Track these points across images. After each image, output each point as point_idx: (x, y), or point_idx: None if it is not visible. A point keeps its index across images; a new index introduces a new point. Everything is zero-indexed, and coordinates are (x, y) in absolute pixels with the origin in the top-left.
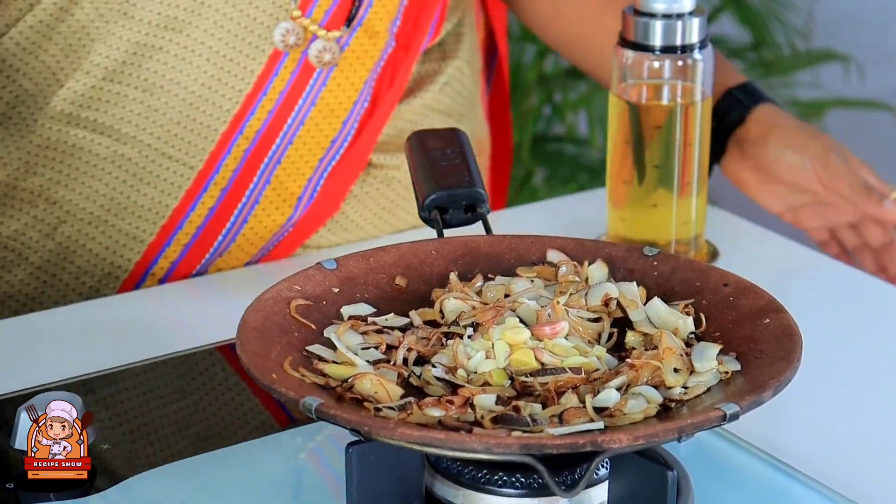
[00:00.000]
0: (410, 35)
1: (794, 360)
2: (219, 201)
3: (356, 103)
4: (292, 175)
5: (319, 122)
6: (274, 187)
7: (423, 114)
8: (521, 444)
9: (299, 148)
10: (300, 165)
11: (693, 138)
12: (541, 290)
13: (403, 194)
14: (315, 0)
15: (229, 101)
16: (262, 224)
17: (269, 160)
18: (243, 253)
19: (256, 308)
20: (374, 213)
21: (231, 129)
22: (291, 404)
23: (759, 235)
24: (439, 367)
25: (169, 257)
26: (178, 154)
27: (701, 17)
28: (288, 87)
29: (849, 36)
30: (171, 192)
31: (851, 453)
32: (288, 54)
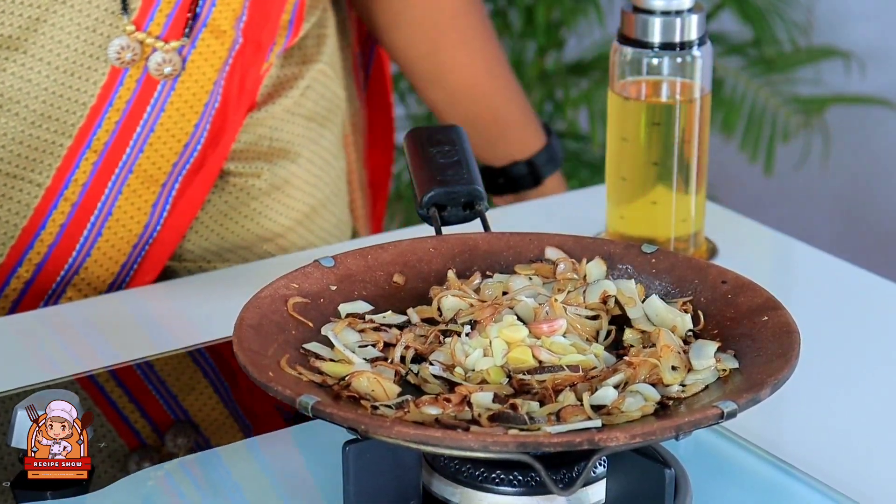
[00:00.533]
0: (258, 29)
1: (792, 358)
2: (70, 217)
3: (206, 105)
4: (145, 183)
5: (170, 128)
6: (126, 197)
7: (285, 119)
8: (518, 443)
9: (151, 156)
10: (153, 173)
11: (692, 135)
12: (539, 287)
13: (266, 202)
14: (151, 14)
15: (73, 115)
16: (117, 236)
17: (119, 170)
18: (103, 270)
19: (253, 305)
20: (236, 221)
21: (77, 144)
22: (288, 402)
23: (758, 232)
24: (437, 364)
25: (21, 277)
26: (23, 173)
27: (699, 13)
28: (134, 96)
29: (850, 32)
30: (19, 212)
31: (851, 451)
32: (128, 70)
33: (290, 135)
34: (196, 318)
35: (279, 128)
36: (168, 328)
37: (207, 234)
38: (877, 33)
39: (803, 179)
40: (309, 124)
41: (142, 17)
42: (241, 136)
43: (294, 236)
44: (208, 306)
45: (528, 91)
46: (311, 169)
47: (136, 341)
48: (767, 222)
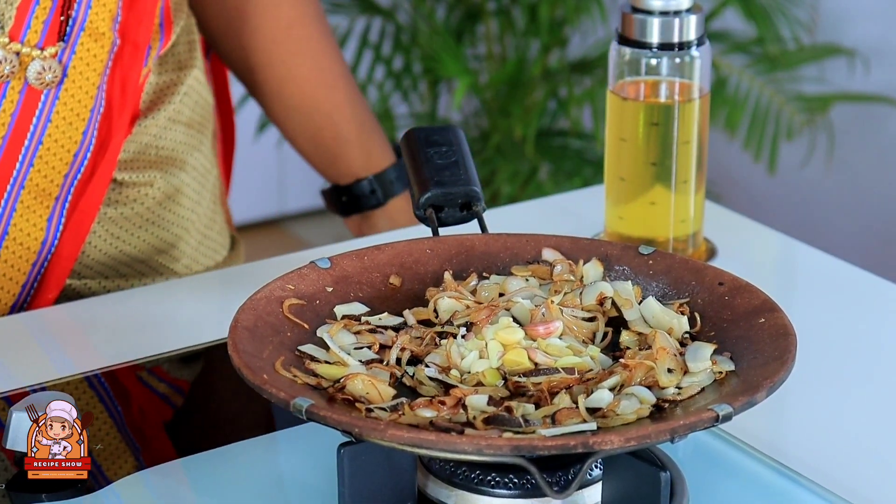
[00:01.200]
0: (134, 28)
1: (789, 361)
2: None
3: (92, 111)
4: (38, 197)
5: (58, 139)
6: (21, 214)
7: (167, 127)
8: (512, 446)
9: (41, 169)
10: (45, 186)
11: (690, 135)
12: (535, 289)
13: (159, 212)
14: (26, 24)
15: None
16: (16, 255)
17: (11, 187)
18: (3, 292)
19: (249, 307)
20: (133, 232)
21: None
22: (282, 405)
23: (758, 232)
24: (432, 366)
25: None
26: None
27: (698, 14)
28: (18, 109)
29: (854, 30)
30: None
31: (850, 454)
32: (9, 82)
33: (174, 142)
34: (190, 320)
35: (163, 136)
36: (163, 330)
37: (105, 247)
38: (881, 31)
39: (807, 178)
40: (189, 131)
41: (17, 28)
42: (129, 146)
43: (185, 246)
44: (204, 308)
45: (532, 89)
46: (196, 176)
47: (132, 343)
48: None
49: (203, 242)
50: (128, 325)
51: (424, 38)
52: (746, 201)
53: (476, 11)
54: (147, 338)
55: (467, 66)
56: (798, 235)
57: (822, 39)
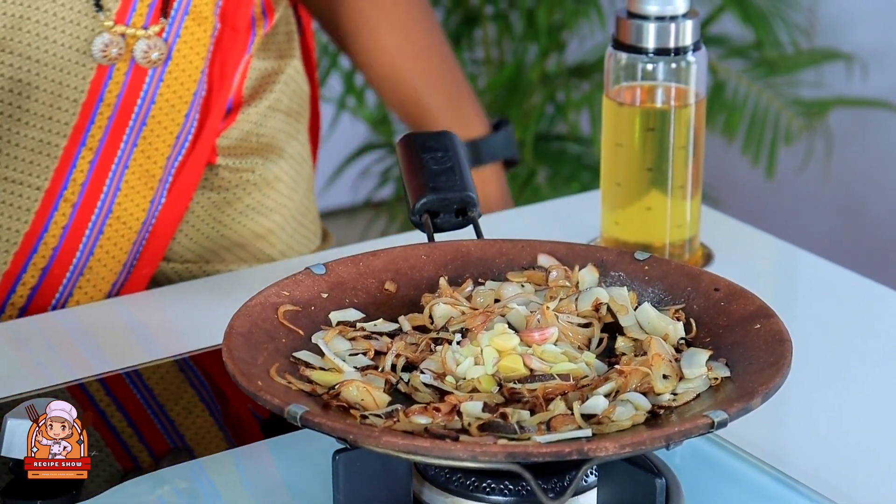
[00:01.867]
0: (233, 13)
1: (784, 367)
2: (71, 218)
3: (195, 95)
4: (143, 178)
5: (162, 120)
6: (125, 193)
7: (267, 114)
8: (507, 453)
9: (145, 150)
10: (149, 167)
11: (687, 141)
12: (531, 295)
13: (258, 197)
14: (132, 7)
15: (66, 113)
16: (119, 234)
17: (116, 167)
18: (106, 269)
19: (243, 314)
20: (230, 216)
21: (73, 143)
22: (277, 412)
23: (754, 237)
24: (428, 373)
25: (27, 283)
26: (21, 176)
27: (694, 19)
28: (124, 90)
29: (852, 34)
30: (20, 217)
31: (846, 460)
32: (115, 65)
33: (274, 130)
34: (185, 327)
35: (263, 123)
36: (157, 337)
37: (207, 230)
38: (879, 35)
39: (805, 182)
40: (288, 119)
41: (123, 12)
42: (231, 133)
43: (281, 233)
44: (198, 314)
45: (530, 93)
46: (293, 164)
47: (126, 350)
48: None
49: (298, 230)
50: (121, 332)
51: None
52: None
53: (474, 16)
54: (141, 344)
55: (466, 70)
56: (796, 240)
57: (821, 44)
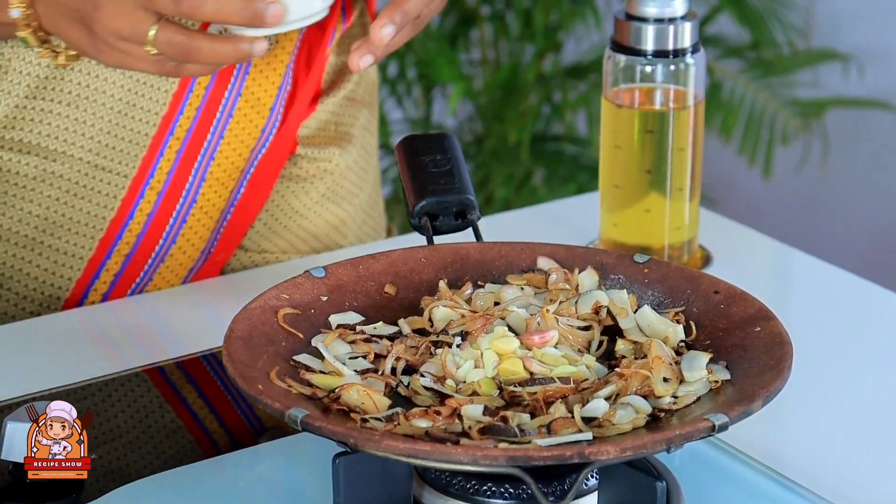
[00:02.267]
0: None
1: (785, 370)
2: (156, 206)
3: (280, 89)
4: (227, 170)
5: (248, 113)
6: (210, 184)
7: (343, 104)
8: (508, 456)
9: (231, 141)
10: (234, 159)
11: (685, 142)
12: (531, 297)
13: (334, 187)
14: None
15: (156, 103)
16: (200, 223)
17: (202, 157)
18: (186, 256)
19: (243, 317)
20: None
21: (161, 132)
22: (277, 416)
23: (753, 239)
24: (428, 376)
25: (111, 270)
26: (109, 164)
27: (693, 21)
28: (213, 80)
29: (848, 34)
30: (106, 204)
31: (847, 462)
32: None
33: (351, 118)
34: (187, 329)
35: (340, 112)
36: (159, 339)
37: (273, 223)
38: (875, 35)
39: (802, 183)
40: (362, 109)
41: None
42: (311, 123)
43: (352, 224)
44: (199, 317)
45: (526, 94)
46: (364, 155)
47: (128, 352)
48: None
49: (367, 222)
50: (121, 334)
51: (418, 43)
52: (741, 206)
53: (470, 16)
54: (140, 346)
55: (461, 71)
56: (793, 240)
57: (817, 44)
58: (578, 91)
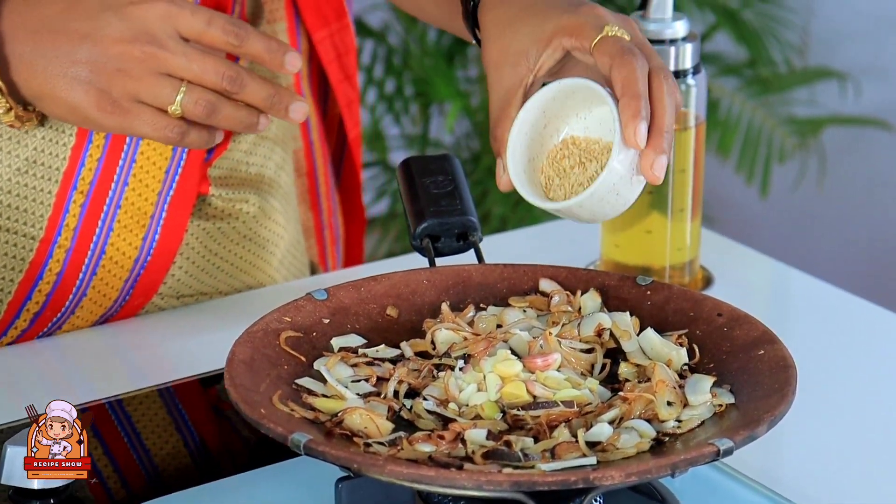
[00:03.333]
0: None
1: (789, 394)
2: (65, 264)
3: None
4: (135, 217)
5: (150, 156)
6: (118, 233)
7: (256, 142)
8: (512, 482)
9: (136, 187)
10: (140, 205)
11: (687, 164)
12: (533, 320)
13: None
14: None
15: (56, 157)
16: (111, 274)
17: (108, 207)
18: (97, 306)
19: (245, 340)
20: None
21: (64, 187)
22: (280, 440)
23: (754, 259)
24: (430, 399)
25: (19, 327)
26: (15, 226)
27: (694, 42)
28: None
29: (845, 53)
30: (14, 267)
31: (850, 487)
32: None
33: (263, 158)
34: (185, 351)
35: (253, 151)
36: (159, 362)
37: (191, 267)
38: (871, 54)
39: (799, 200)
40: (275, 148)
41: None
42: (222, 163)
43: (274, 263)
44: (198, 339)
45: None
46: (284, 195)
47: (127, 375)
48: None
49: (293, 263)
50: (120, 356)
51: (416, 60)
52: (738, 224)
53: None
54: (141, 369)
55: (459, 88)
56: (789, 258)
57: (814, 62)
58: None
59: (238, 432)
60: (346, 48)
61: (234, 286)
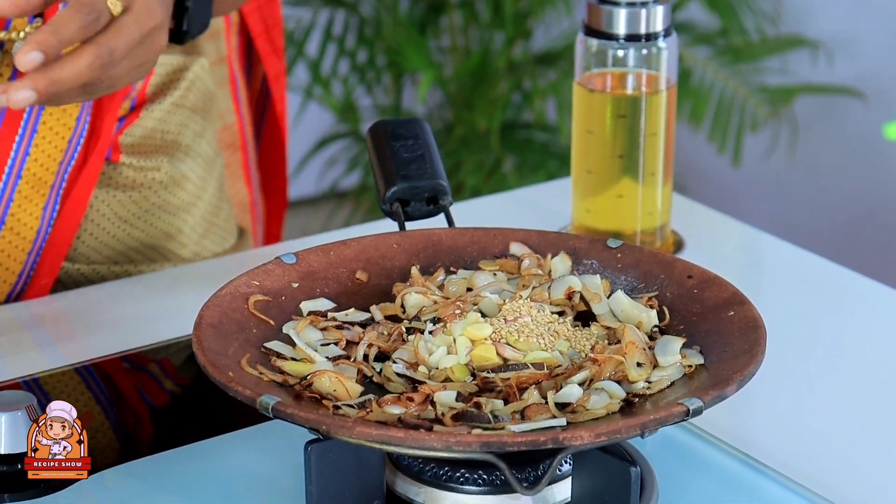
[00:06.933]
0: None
1: (758, 354)
2: None
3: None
4: (35, 186)
5: (53, 126)
6: (18, 204)
7: (171, 111)
8: (482, 443)
9: (38, 157)
10: (42, 175)
11: (658, 127)
12: (503, 283)
13: (165, 196)
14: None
15: None
16: (12, 245)
17: (7, 176)
18: (0, 281)
19: (213, 304)
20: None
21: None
22: (248, 403)
23: (725, 224)
24: (400, 362)
25: None
26: None
27: (665, 5)
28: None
29: (817, 21)
30: None
31: (820, 447)
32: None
33: (179, 127)
34: (152, 317)
35: (168, 120)
36: (125, 327)
37: (114, 230)
38: (843, 23)
39: (772, 169)
40: (193, 116)
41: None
42: (135, 131)
43: (191, 232)
44: (165, 304)
45: (496, 81)
46: (200, 163)
47: (91, 340)
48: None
49: (210, 230)
50: (88, 323)
51: (388, 30)
52: (711, 192)
53: (440, 3)
54: (108, 335)
55: (431, 59)
56: (763, 226)
57: (786, 31)
58: (548, 78)
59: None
60: (275, 21)
61: (144, 253)
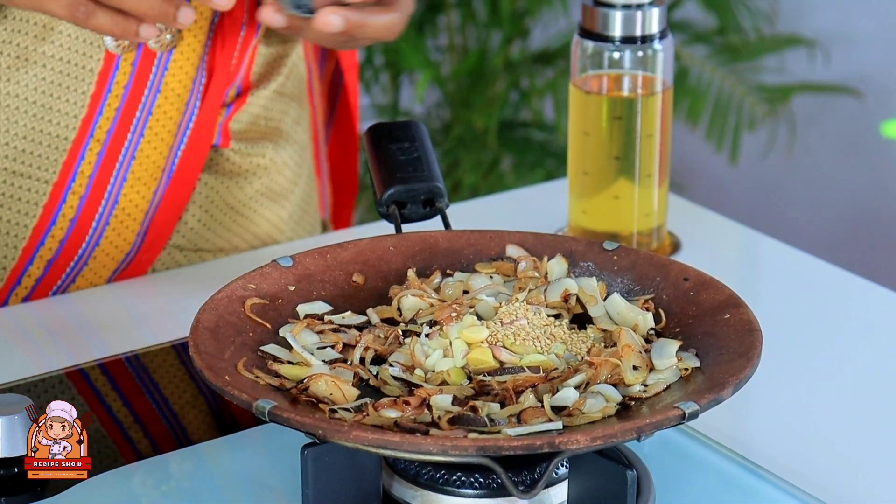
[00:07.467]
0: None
1: (754, 357)
2: (79, 211)
3: (194, 82)
4: (149, 168)
5: (167, 110)
6: (131, 185)
7: (273, 98)
8: (478, 446)
9: (151, 139)
10: (155, 157)
11: (654, 129)
12: (500, 286)
13: (268, 182)
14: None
15: (74, 105)
16: (123, 224)
17: (123, 157)
18: (109, 259)
19: (210, 307)
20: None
21: (81, 135)
22: (245, 407)
23: (722, 225)
24: (396, 366)
25: (32, 275)
26: (29, 170)
27: (661, 7)
28: (132, 79)
29: (814, 20)
30: (28, 212)
31: (817, 450)
32: (121, 56)
33: (281, 113)
34: (149, 319)
35: (271, 107)
36: (121, 329)
37: (207, 219)
38: (840, 21)
39: (769, 168)
40: (291, 103)
41: None
42: (241, 117)
43: (289, 219)
44: (163, 307)
45: (494, 80)
46: (298, 150)
47: (88, 342)
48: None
49: (303, 218)
50: (84, 325)
51: None
52: (709, 191)
53: (437, 3)
54: (104, 338)
55: (429, 58)
56: (760, 225)
57: (783, 29)
58: (546, 77)
59: (202, 400)
60: None
61: (247, 240)
